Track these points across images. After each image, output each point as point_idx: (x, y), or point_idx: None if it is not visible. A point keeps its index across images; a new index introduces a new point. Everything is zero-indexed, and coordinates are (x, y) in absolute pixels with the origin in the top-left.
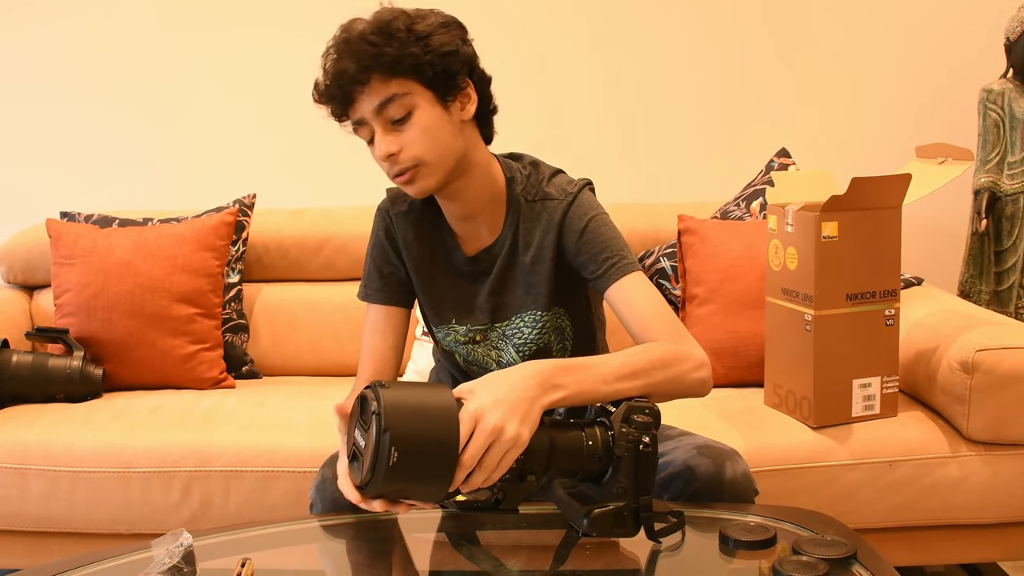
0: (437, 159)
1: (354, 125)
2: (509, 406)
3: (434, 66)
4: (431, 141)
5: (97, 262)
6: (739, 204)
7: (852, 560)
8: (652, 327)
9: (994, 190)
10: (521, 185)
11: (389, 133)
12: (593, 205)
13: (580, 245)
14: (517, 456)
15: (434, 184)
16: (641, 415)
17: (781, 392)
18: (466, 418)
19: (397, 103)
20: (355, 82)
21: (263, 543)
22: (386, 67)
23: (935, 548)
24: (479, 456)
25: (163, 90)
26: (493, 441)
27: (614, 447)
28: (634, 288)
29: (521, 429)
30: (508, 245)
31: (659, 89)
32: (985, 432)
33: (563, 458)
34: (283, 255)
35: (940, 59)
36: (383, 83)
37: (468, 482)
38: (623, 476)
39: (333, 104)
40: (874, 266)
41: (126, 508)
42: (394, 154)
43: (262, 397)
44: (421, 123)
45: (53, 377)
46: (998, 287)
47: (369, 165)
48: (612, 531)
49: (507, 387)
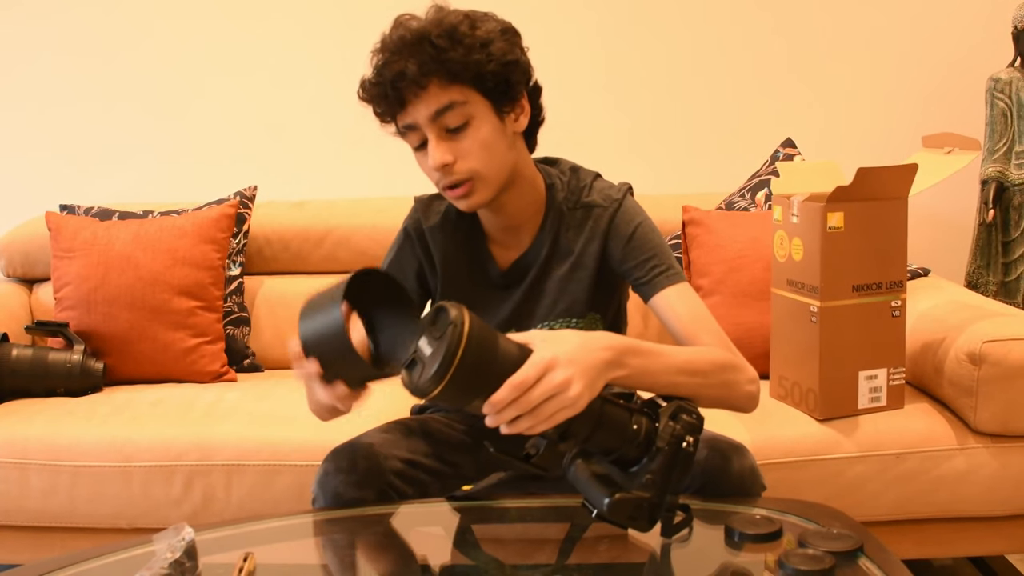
0: (493, 173)
1: (403, 129)
2: (581, 368)
3: (496, 76)
4: (488, 154)
5: (97, 255)
6: (744, 195)
7: (859, 553)
8: (702, 337)
9: (1002, 180)
10: (562, 192)
11: (444, 141)
12: (638, 211)
13: (627, 251)
14: (569, 416)
15: (487, 198)
16: (689, 416)
17: (787, 384)
18: (539, 362)
19: (456, 111)
20: (414, 85)
21: (265, 537)
22: (449, 73)
23: (942, 541)
24: (536, 403)
25: (163, 82)
26: (554, 395)
27: (656, 439)
28: (682, 298)
29: (583, 392)
30: (545, 254)
31: (664, 80)
32: (993, 424)
33: (605, 434)
34: (285, 248)
35: (946, 48)
36: (442, 89)
37: (514, 424)
38: (656, 468)
39: (384, 105)
40: (880, 257)
41: (127, 503)
42: (448, 164)
43: (264, 391)
44: (478, 134)
45: (53, 371)
46: (1006, 278)
47: (370, 158)
48: (628, 520)
49: (584, 350)
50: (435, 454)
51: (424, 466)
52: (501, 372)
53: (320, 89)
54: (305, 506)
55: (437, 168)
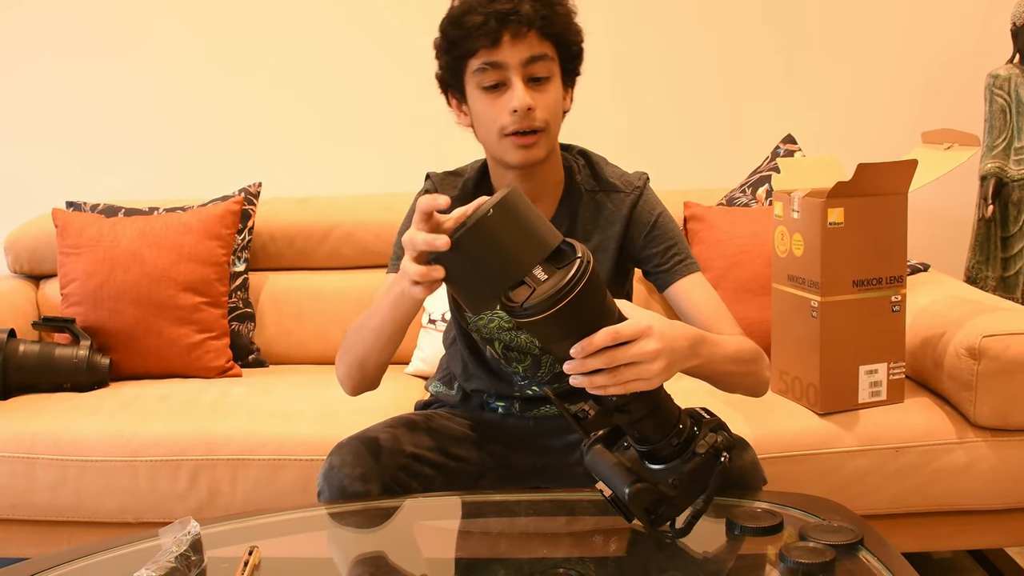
0: (554, 133)
1: (483, 66)
2: (671, 350)
3: (577, 50)
4: (556, 113)
5: (103, 251)
6: (745, 191)
7: (859, 546)
8: (721, 325)
9: (1001, 176)
10: (581, 175)
11: (529, 89)
12: (658, 200)
13: (648, 239)
14: (643, 389)
15: (544, 155)
16: (728, 433)
17: (787, 378)
18: (638, 323)
19: (545, 64)
20: (521, 25)
21: (270, 531)
22: (551, 27)
23: (942, 534)
24: (622, 362)
25: (168, 79)
26: (640, 362)
27: (695, 445)
28: (701, 287)
29: (664, 373)
30: (564, 232)
31: (665, 75)
32: (992, 418)
33: (655, 422)
34: (289, 243)
35: (946, 45)
36: (539, 40)
37: (592, 377)
38: (686, 472)
39: (477, 37)
40: (880, 252)
41: (134, 497)
42: (532, 109)
43: (269, 386)
44: (554, 92)
45: (60, 367)
46: (1005, 273)
47: (374, 154)
48: (643, 512)
49: (673, 330)
50: (439, 448)
51: (429, 460)
52: (600, 321)
53: (324, 86)
54: (310, 500)
55: (524, 109)
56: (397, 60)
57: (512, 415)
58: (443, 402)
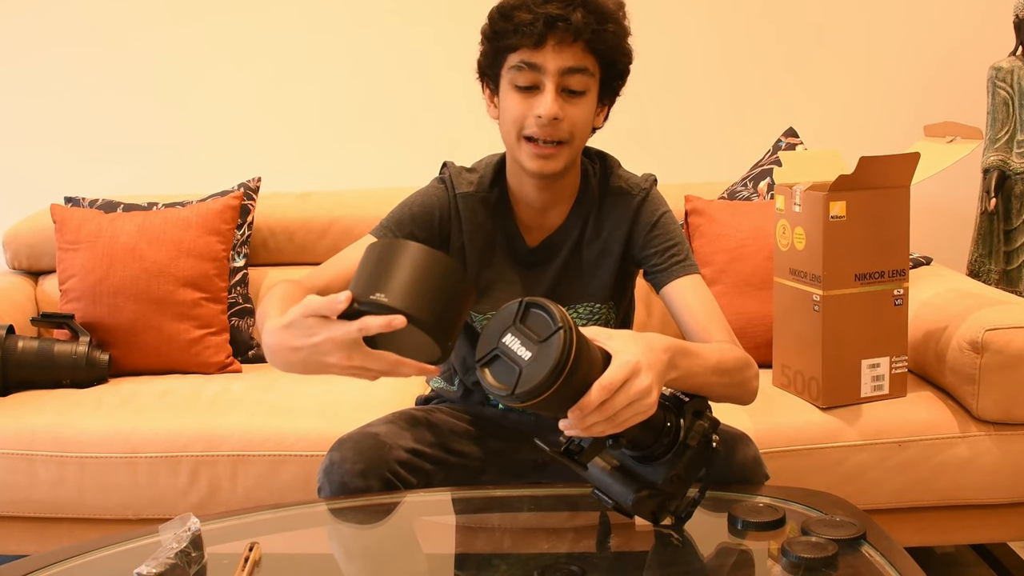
0: (576, 148)
1: (521, 64)
2: (657, 374)
3: (620, 71)
4: (583, 128)
5: (102, 247)
6: (746, 184)
7: (861, 541)
8: (711, 330)
9: (1003, 169)
10: (595, 178)
11: (560, 99)
12: (663, 201)
13: (649, 238)
14: (639, 422)
15: (561, 168)
16: (709, 412)
17: (789, 373)
18: (626, 365)
19: (582, 78)
20: (568, 33)
21: (271, 527)
22: (597, 43)
23: (944, 528)
24: (619, 408)
25: (167, 74)
26: (635, 400)
27: (687, 437)
28: (695, 288)
29: (656, 397)
30: (575, 236)
31: (666, 69)
32: (995, 412)
33: (646, 432)
34: (289, 239)
35: (948, 37)
36: (583, 52)
37: (590, 427)
38: (683, 466)
39: (523, 34)
40: (883, 246)
41: (134, 493)
42: (559, 119)
43: (269, 381)
44: (585, 107)
45: (59, 363)
46: (1007, 266)
47: (374, 149)
48: (650, 515)
49: (652, 352)
50: (440, 444)
51: (429, 456)
52: (591, 376)
53: (324, 80)
54: (311, 496)
55: (548, 116)
56: (397, 54)
57: (513, 410)
58: (444, 397)
